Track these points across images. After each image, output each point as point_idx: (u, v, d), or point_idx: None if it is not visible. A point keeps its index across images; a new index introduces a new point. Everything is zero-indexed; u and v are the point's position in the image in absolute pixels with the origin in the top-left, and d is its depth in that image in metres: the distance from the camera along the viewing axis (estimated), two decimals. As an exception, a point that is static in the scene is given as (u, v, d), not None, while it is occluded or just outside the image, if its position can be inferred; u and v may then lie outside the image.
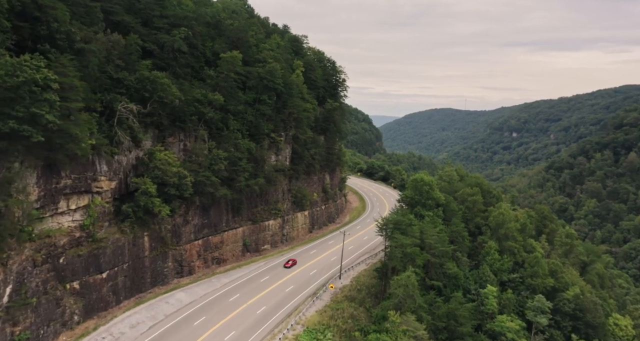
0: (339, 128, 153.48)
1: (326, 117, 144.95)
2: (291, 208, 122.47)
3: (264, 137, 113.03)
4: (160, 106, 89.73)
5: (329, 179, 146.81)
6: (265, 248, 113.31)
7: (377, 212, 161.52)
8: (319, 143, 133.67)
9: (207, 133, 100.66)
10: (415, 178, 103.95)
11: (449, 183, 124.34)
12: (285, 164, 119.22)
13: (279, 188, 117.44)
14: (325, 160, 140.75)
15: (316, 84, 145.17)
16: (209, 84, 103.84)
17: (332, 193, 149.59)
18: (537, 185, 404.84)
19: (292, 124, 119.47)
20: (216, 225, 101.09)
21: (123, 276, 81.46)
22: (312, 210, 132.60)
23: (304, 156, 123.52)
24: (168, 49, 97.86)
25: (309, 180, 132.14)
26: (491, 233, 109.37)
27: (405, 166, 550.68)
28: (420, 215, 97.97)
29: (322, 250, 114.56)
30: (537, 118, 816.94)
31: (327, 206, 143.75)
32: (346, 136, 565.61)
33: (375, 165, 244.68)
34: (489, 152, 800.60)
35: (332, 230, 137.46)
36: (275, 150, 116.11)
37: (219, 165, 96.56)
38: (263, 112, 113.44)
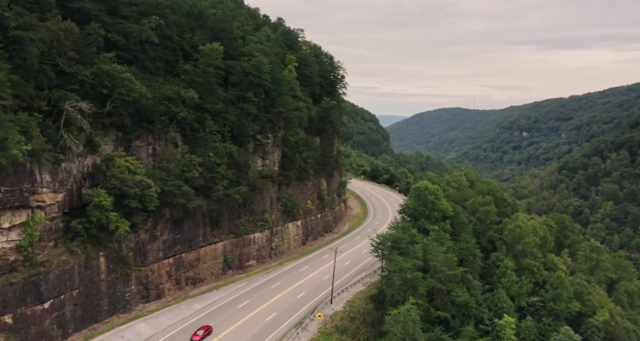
0: (337, 128, 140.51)
1: (322, 117, 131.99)
2: (281, 218, 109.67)
3: (249, 140, 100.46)
4: (123, 105, 77.46)
5: (325, 185, 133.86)
6: (250, 264, 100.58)
7: (379, 220, 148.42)
8: (313, 146, 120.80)
9: (181, 135, 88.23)
10: (418, 187, 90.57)
11: (457, 190, 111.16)
12: (274, 169, 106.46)
13: (266, 197, 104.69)
14: (321, 163, 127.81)
15: (311, 80, 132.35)
16: (183, 80, 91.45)
17: (330, 199, 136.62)
18: (550, 186, 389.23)
19: (281, 124, 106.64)
20: (191, 241, 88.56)
21: (72, 305, 69.05)
22: (305, 219, 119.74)
23: (295, 160, 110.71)
24: (135, 40, 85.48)
25: (301, 187, 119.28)
26: (507, 249, 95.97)
27: (413, 167, 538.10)
28: (425, 230, 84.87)
29: (314, 266, 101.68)
30: (547, 117, 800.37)
31: (323, 214, 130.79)
32: (351, 137, 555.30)
33: (380, 168, 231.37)
34: (498, 151, 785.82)
35: (329, 242, 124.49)
36: (261, 153, 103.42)
37: (192, 172, 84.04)
38: (248, 111, 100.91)
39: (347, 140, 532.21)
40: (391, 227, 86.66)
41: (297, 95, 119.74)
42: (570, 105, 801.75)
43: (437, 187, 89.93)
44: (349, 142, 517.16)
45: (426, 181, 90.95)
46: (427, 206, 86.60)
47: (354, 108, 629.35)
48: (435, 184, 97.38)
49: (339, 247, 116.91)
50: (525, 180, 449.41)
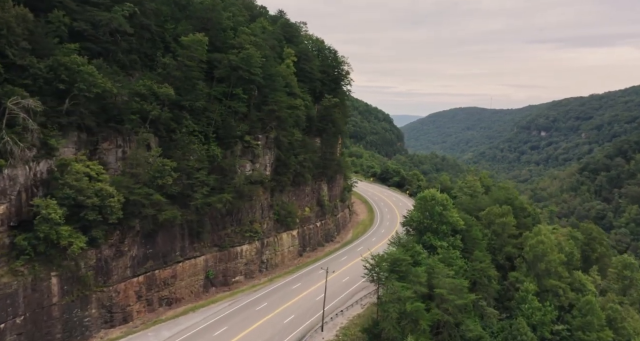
0: (340, 128, 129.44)
1: (323, 116, 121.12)
2: (273, 228, 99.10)
3: (236, 141, 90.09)
4: (85, 102, 67.66)
5: (326, 190, 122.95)
6: (236, 280, 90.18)
7: (385, 227, 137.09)
8: (311, 147, 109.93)
9: (155, 136, 78.23)
10: (424, 196, 79.05)
11: (471, 197, 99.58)
12: (265, 174, 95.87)
13: (255, 205, 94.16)
14: (321, 167, 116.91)
15: (312, 76, 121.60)
16: (160, 74, 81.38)
17: (331, 206, 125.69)
18: (571, 188, 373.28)
19: (273, 124, 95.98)
20: (166, 255, 78.40)
21: (15, 334, 59.23)
22: (302, 228, 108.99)
23: (289, 163, 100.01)
24: (104, 30, 75.52)
25: (298, 193, 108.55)
26: (527, 268, 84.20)
27: (427, 168, 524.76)
28: (431, 246, 73.64)
29: (308, 282, 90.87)
30: (567, 117, 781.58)
31: (323, 222, 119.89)
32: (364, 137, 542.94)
33: (390, 169, 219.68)
34: (516, 151, 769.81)
35: (329, 253, 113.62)
36: (250, 156, 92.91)
37: (165, 179, 73.81)
38: (235, 110, 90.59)
39: (360, 140, 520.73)
40: (391, 242, 75.41)
41: (294, 92, 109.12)
42: (591, 103, 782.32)
43: (446, 196, 78.22)
44: (361, 142, 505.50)
45: (433, 189, 79.31)
46: (434, 218, 75.05)
47: (368, 108, 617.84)
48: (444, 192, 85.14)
49: (338, 259, 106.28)
50: (545, 182, 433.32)
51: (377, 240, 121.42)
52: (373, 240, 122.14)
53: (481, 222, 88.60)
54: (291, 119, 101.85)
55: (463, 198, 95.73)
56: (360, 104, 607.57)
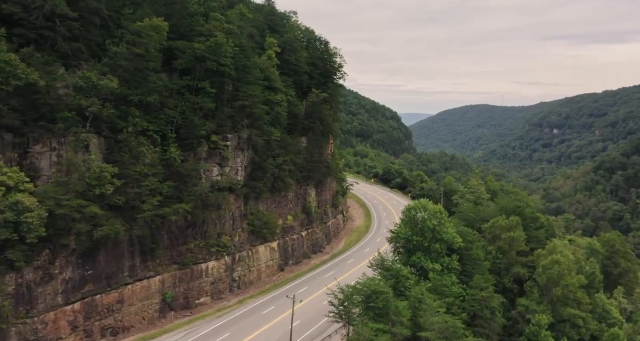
0: (331, 127, 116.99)
1: (310, 113, 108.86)
2: (247, 241, 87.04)
3: (201, 142, 78.15)
4: (5, 97, 56.51)
5: (314, 195, 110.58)
6: (201, 302, 78.20)
7: (382, 235, 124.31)
8: (294, 148, 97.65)
9: (99, 137, 66.62)
10: (414, 208, 66.16)
11: (475, 204, 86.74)
12: (236, 180, 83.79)
13: (225, 215, 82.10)
14: (307, 170, 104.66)
15: (298, 69, 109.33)
16: (107, 65, 69.60)
17: (320, 213, 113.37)
18: (585, 188, 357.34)
19: (245, 122, 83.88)
20: (110, 277, 66.57)
21: None
22: (283, 240, 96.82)
23: (266, 167, 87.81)
24: (38, 14, 63.93)
25: (279, 199, 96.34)
26: (540, 294, 71.10)
27: (436, 167, 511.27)
28: (422, 270, 61.01)
29: (285, 305, 78.42)
30: (580, 114, 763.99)
31: (310, 231, 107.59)
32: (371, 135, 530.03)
33: (392, 170, 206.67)
34: (528, 150, 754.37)
35: (315, 266, 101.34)
36: (218, 160, 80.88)
37: (105, 188, 62.01)
38: (200, 106, 78.73)
39: (367, 139, 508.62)
40: (372, 265, 62.63)
41: (274, 87, 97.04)
42: (605, 100, 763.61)
43: (440, 209, 65.18)
44: (368, 141, 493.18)
45: (424, 200, 66.42)
46: (425, 235, 62.22)
47: (375, 106, 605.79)
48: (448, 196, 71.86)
49: (323, 275, 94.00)
50: (558, 182, 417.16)
51: (371, 251, 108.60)
52: (366, 251, 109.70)
53: (484, 235, 75.59)
54: (268, 116, 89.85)
55: (465, 207, 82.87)
56: (368, 102, 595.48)
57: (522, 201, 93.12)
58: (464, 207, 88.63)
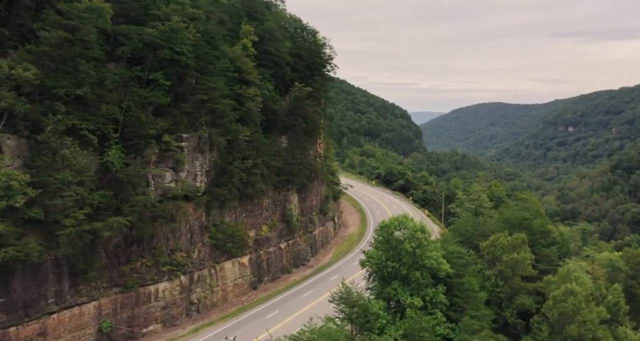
0: (317, 124, 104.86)
1: (292, 109, 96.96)
2: (210, 256, 75.36)
3: (150, 143, 66.64)
4: None
5: (296, 201, 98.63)
6: (150, 330, 66.63)
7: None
8: (268, 149, 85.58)
9: (17, 138, 55.52)
10: (387, 225, 53.21)
11: (475, 214, 73.99)
12: (195, 186, 72.16)
13: (180, 227, 70.44)
14: (286, 173, 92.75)
15: (278, 60, 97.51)
16: (29, 51, 58.46)
17: (304, 221, 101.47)
18: (602, 188, 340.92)
19: (203, 119, 72.20)
20: (29, 305, 55.18)
21: None
22: (256, 253, 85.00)
23: (231, 170, 75.99)
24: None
25: (251, 208, 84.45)
26: (550, 332, 57.86)
27: (446, 166, 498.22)
28: (399, 304, 48.41)
29: (250, 332, 66.47)
30: (595, 111, 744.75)
31: (291, 242, 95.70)
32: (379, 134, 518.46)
33: (395, 171, 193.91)
34: (542, 148, 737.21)
35: (295, 283, 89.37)
36: (171, 163, 69.26)
37: (15, 199, 50.75)
38: (149, 100, 67.37)
39: (375, 137, 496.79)
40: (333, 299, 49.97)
41: (246, 79, 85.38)
42: (621, 97, 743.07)
43: (422, 226, 52.03)
44: (376, 140, 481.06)
45: (403, 216, 53.66)
46: (402, 260, 49.42)
47: (384, 104, 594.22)
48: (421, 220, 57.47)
49: (300, 294, 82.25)
50: (573, 181, 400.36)
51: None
52: (354, 265, 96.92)
53: (482, 255, 62.80)
54: (236, 113, 78.14)
55: (461, 218, 70.08)
56: (377, 100, 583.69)
57: (532, 209, 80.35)
58: (460, 218, 76.36)
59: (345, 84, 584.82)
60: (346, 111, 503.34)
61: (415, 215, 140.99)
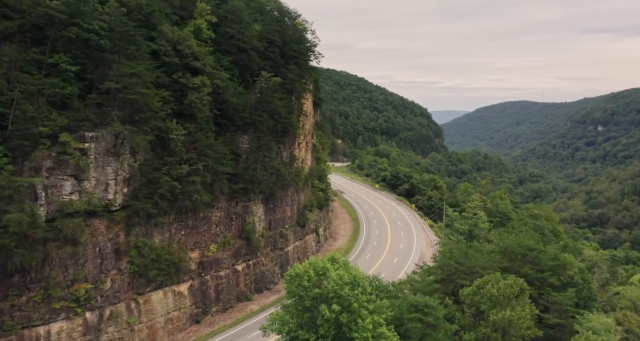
0: (290, 122, 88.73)
1: (257, 102, 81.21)
2: (129, 286, 60.07)
3: (40, 144, 51.87)
4: None
5: (261, 213, 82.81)
6: (37, 386, 51.78)
7: (365, 261, 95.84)
8: (216, 152, 69.84)
9: None
10: (297, 274, 36.38)
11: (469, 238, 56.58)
12: (106, 199, 57.01)
13: (85, 251, 55.32)
14: (246, 180, 76.91)
15: (242, 45, 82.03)
16: None
17: (272, 236, 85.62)
18: (634, 192, 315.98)
19: (115, 114, 56.89)
20: None
21: None
22: (200, 279, 69.39)
23: (160, 179, 60.59)
24: None
25: (193, 224, 68.74)
26: None
27: (466, 167, 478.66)
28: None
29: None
30: (627, 109, 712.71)
31: (253, 263, 79.90)
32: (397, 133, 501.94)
33: (401, 174, 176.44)
34: (569, 148, 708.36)
35: (252, 314, 73.48)
36: (72, 170, 54.12)
37: None
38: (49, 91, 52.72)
39: (393, 137, 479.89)
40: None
41: (192, 66, 70.08)
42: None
43: (355, 274, 35.02)
44: (394, 139, 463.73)
45: (330, 258, 36.84)
46: (325, 330, 32.27)
47: (403, 102, 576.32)
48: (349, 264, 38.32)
49: (253, 331, 66.25)
50: (602, 184, 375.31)
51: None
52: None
53: (463, 307, 45.30)
54: (168, 106, 62.82)
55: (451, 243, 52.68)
56: (395, 98, 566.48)
57: (545, 229, 63.31)
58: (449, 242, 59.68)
59: (363, 82, 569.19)
60: (363, 109, 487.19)
61: (416, 225, 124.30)
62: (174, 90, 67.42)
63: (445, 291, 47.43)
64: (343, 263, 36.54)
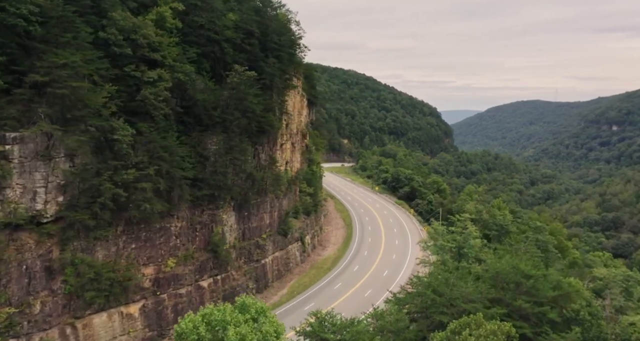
0: (267, 120, 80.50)
1: (230, 99, 73.29)
2: (64, 309, 52.26)
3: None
4: None
5: (232, 222, 74.82)
6: None
7: (347, 277, 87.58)
8: (171, 154, 61.78)
9: None
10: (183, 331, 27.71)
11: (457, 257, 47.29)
12: (35, 209, 49.30)
13: (9, 270, 47.57)
14: (212, 186, 68.84)
15: (212, 36, 74.16)
16: None
17: (245, 247, 77.57)
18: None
19: (42, 111, 49.10)
20: None
21: None
22: (154, 298, 61.48)
23: (101, 186, 52.68)
24: None
25: (147, 236, 60.83)
26: None
27: (476, 167, 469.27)
28: None
29: None
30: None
31: (222, 278, 71.83)
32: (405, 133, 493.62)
33: (402, 176, 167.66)
34: (583, 148, 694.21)
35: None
36: (-12, 177, 46.45)
37: None
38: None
39: (401, 136, 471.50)
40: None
41: (150, 58, 62.25)
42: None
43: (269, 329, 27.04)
44: (402, 139, 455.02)
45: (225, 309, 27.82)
46: None
47: (412, 102, 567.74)
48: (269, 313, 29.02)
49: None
50: (616, 185, 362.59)
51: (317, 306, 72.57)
52: (307, 309, 72.86)
53: None
54: (113, 102, 54.94)
55: (413, 280, 42.69)
56: (404, 98, 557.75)
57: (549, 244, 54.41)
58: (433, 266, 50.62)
59: (372, 81, 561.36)
60: (370, 109, 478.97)
61: (413, 233, 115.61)
62: (127, 84, 59.83)
63: (420, 329, 38.88)
64: (258, 311, 28.34)
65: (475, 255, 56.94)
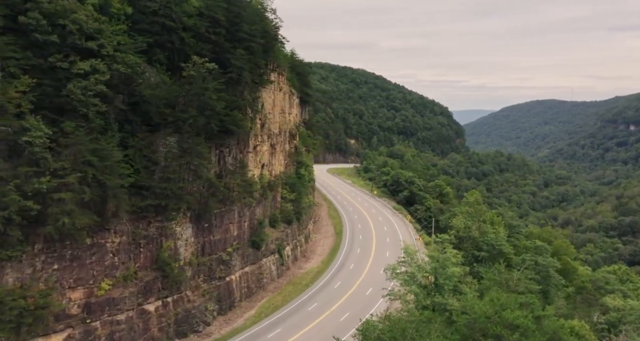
0: (232, 119, 71.20)
1: (187, 95, 64.29)
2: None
3: None
4: None
5: (189, 235, 65.73)
6: None
7: (332, 290, 78.14)
8: (106, 158, 52.75)
9: None
10: None
11: (432, 290, 37.85)
12: None
13: None
14: (160, 195, 59.72)
15: (169, 24, 65.25)
16: None
17: (205, 264, 68.41)
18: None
19: None
20: None
21: None
22: (83, 327, 52.40)
23: (4, 196, 43.85)
24: None
25: (76, 254, 51.80)
26: None
27: (488, 168, 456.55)
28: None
29: None
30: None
31: (172, 301, 62.72)
32: (415, 133, 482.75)
33: (402, 179, 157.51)
34: (599, 148, 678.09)
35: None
36: None
37: None
38: None
39: (411, 136, 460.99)
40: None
41: (84, 48, 53.45)
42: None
43: None
44: (411, 139, 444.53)
45: None
46: None
47: (423, 101, 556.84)
48: None
49: None
50: (634, 187, 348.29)
51: (284, 333, 63.26)
52: (272, 335, 63.59)
53: None
54: (26, 98, 46.15)
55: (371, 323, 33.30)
56: (414, 97, 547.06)
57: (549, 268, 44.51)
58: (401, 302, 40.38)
59: (381, 80, 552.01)
60: (379, 108, 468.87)
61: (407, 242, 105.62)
62: (55, 78, 51.12)
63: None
64: None
65: (454, 286, 47.08)
